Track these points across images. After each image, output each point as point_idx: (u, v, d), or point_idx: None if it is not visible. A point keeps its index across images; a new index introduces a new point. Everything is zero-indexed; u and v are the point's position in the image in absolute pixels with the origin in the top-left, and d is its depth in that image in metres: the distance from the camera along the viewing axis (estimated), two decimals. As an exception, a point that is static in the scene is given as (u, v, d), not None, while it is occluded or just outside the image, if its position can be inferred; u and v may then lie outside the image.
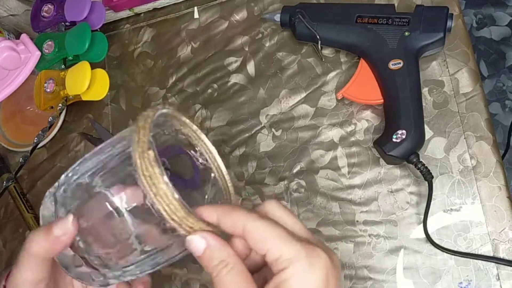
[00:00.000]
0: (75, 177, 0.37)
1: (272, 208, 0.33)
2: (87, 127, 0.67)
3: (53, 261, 0.37)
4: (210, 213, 0.32)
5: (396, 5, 0.54)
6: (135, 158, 0.31)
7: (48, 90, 0.62)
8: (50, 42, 0.63)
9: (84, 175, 0.36)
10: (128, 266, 0.36)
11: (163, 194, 0.30)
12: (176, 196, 0.30)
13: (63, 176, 0.37)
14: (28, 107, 0.71)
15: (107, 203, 0.35)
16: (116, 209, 0.35)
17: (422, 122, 0.49)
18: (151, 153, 0.31)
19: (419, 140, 0.48)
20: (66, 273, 0.37)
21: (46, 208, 0.37)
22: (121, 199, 0.35)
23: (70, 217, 0.35)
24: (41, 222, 0.37)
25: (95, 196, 0.36)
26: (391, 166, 0.52)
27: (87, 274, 0.36)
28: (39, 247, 0.35)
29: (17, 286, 0.36)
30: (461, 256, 0.47)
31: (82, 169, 0.37)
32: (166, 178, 0.30)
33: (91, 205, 0.36)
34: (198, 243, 0.31)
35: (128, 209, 0.35)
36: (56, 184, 0.37)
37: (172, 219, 0.31)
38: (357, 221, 0.52)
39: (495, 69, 1.32)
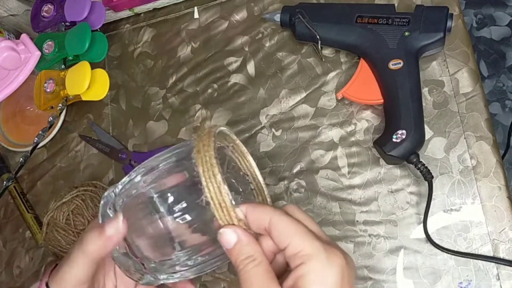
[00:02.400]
0: (137, 184, 0.39)
1: (293, 210, 0.35)
2: (87, 127, 0.67)
3: (98, 265, 0.39)
4: (241, 206, 0.34)
5: (396, 5, 0.54)
6: (197, 159, 0.34)
7: (48, 90, 0.62)
8: (50, 42, 0.63)
9: (145, 183, 0.39)
10: (174, 270, 0.38)
11: (216, 186, 0.33)
12: (226, 189, 0.33)
13: (125, 179, 0.40)
14: (28, 107, 0.71)
15: (154, 208, 0.38)
16: (162, 214, 0.38)
17: (422, 122, 0.49)
18: (212, 153, 0.34)
19: (419, 140, 0.48)
20: (121, 269, 0.39)
21: (104, 208, 0.39)
22: (169, 203, 0.38)
23: (120, 216, 0.37)
24: (100, 221, 0.39)
25: (146, 200, 0.38)
26: (391, 166, 0.52)
27: (137, 272, 0.39)
28: (95, 246, 0.37)
29: (65, 279, 0.38)
30: (461, 256, 0.47)
31: (143, 175, 0.39)
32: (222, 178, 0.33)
33: (140, 207, 0.39)
34: (230, 236, 0.33)
35: (175, 214, 0.37)
36: (115, 190, 0.39)
37: (217, 210, 0.33)
38: (357, 221, 0.52)
39: (495, 69, 1.32)
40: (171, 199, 0.38)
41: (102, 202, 0.39)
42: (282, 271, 0.36)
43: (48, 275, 0.41)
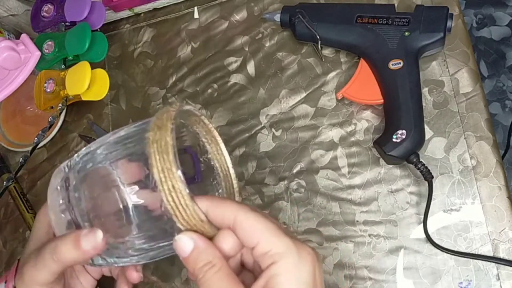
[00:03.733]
0: (88, 158, 0.36)
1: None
2: (86, 127, 0.67)
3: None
4: (201, 202, 0.31)
5: (396, 5, 0.54)
6: (150, 147, 0.31)
7: (48, 90, 0.62)
8: (50, 42, 0.63)
9: (97, 158, 0.36)
10: (126, 254, 0.36)
11: (173, 182, 0.30)
12: (184, 184, 0.30)
13: (75, 156, 0.37)
14: (28, 107, 0.71)
15: (114, 190, 0.35)
16: (121, 197, 0.35)
17: (422, 122, 0.49)
18: (169, 140, 0.30)
19: (419, 140, 0.48)
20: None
21: (56, 182, 0.36)
22: (132, 191, 0.35)
23: (100, 233, 0.34)
24: (49, 209, 0.37)
25: (108, 179, 0.35)
26: (391, 166, 0.52)
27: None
28: (69, 255, 0.35)
29: (32, 280, 0.37)
30: (461, 256, 0.47)
31: (103, 149, 0.36)
32: (179, 172, 0.30)
33: (103, 186, 0.36)
34: (186, 243, 0.31)
35: (133, 198, 0.34)
36: (67, 163, 0.37)
37: (171, 207, 0.30)
38: (357, 221, 0.52)
39: (495, 69, 1.32)
40: (133, 189, 0.35)
41: (55, 175, 0.37)
42: (238, 272, 0.34)
43: (13, 277, 0.39)
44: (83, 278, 0.43)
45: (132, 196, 0.34)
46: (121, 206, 0.35)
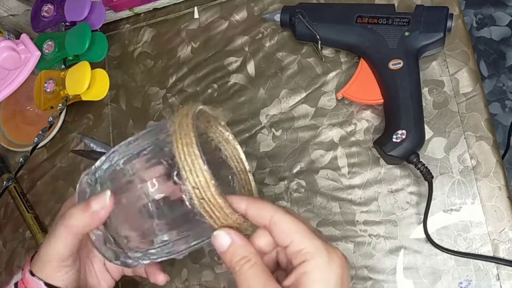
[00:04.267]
0: (114, 160, 0.38)
1: (291, 211, 0.35)
2: (86, 127, 0.67)
3: (80, 242, 0.38)
4: (239, 202, 0.34)
5: (396, 5, 0.54)
6: (177, 145, 0.33)
7: (48, 90, 0.62)
8: (50, 42, 0.63)
9: (121, 159, 0.38)
10: (150, 249, 0.38)
11: (203, 182, 0.32)
12: (214, 184, 0.32)
13: (103, 157, 0.38)
14: (28, 107, 0.71)
15: (139, 188, 0.37)
16: (147, 195, 0.36)
17: (422, 122, 0.49)
18: (193, 139, 0.32)
19: (419, 140, 0.48)
20: (96, 249, 0.38)
21: (82, 186, 0.38)
22: (153, 186, 0.37)
23: (108, 192, 0.36)
24: (77, 199, 0.38)
25: (128, 180, 0.37)
26: (391, 166, 0.52)
27: (113, 252, 0.38)
28: (78, 221, 0.37)
29: (48, 256, 0.38)
30: (461, 256, 0.47)
31: (120, 153, 0.38)
32: (206, 167, 0.32)
33: (124, 187, 0.38)
34: (224, 239, 0.33)
35: (157, 196, 0.36)
36: (96, 165, 0.38)
37: (205, 210, 0.32)
38: (357, 221, 0.52)
39: (495, 69, 1.32)
40: (154, 185, 0.37)
41: (79, 186, 0.38)
42: (273, 269, 0.36)
43: (29, 263, 0.40)
44: (102, 277, 0.44)
45: (152, 191, 0.36)
46: (145, 202, 0.36)
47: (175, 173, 0.33)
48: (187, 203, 0.33)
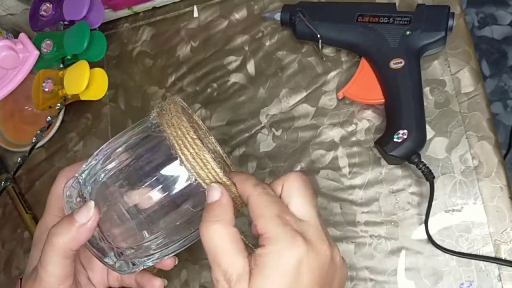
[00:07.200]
0: (97, 165, 0.39)
1: (291, 182, 0.35)
2: (85, 127, 0.66)
3: (75, 258, 0.37)
4: (232, 176, 0.36)
5: (397, 4, 0.54)
6: (167, 122, 0.36)
7: (47, 89, 0.62)
8: (48, 41, 0.63)
9: (99, 162, 0.38)
10: (148, 253, 0.38)
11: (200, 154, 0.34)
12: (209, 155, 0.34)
13: (85, 163, 0.39)
14: (27, 107, 0.70)
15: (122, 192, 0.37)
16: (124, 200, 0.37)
17: (423, 122, 0.48)
18: (180, 114, 0.36)
19: (420, 140, 0.48)
20: (100, 260, 0.37)
21: (70, 190, 0.38)
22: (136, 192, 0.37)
23: (91, 203, 0.35)
24: (65, 207, 0.37)
25: (114, 184, 0.38)
26: (392, 166, 0.51)
27: (110, 257, 0.38)
28: (64, 239, 0.35)
29: (46, 283, 0.36)
30: (463, 257, 0.47)
31: (105, 153, 0.39)
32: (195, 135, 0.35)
33: (109, 192, 0.38)
34: (214, 192, 0.35)
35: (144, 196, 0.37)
36: (80, 170, 0.39)
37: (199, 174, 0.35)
38: (358, 221, 0.51)
39: (497, 69, 1.32)
40: (138, 182, 0.37)
41: (66, 193, 0.37)
42: None
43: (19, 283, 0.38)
44: None
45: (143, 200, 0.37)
46: (126, 207, 0.37)
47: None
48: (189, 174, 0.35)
